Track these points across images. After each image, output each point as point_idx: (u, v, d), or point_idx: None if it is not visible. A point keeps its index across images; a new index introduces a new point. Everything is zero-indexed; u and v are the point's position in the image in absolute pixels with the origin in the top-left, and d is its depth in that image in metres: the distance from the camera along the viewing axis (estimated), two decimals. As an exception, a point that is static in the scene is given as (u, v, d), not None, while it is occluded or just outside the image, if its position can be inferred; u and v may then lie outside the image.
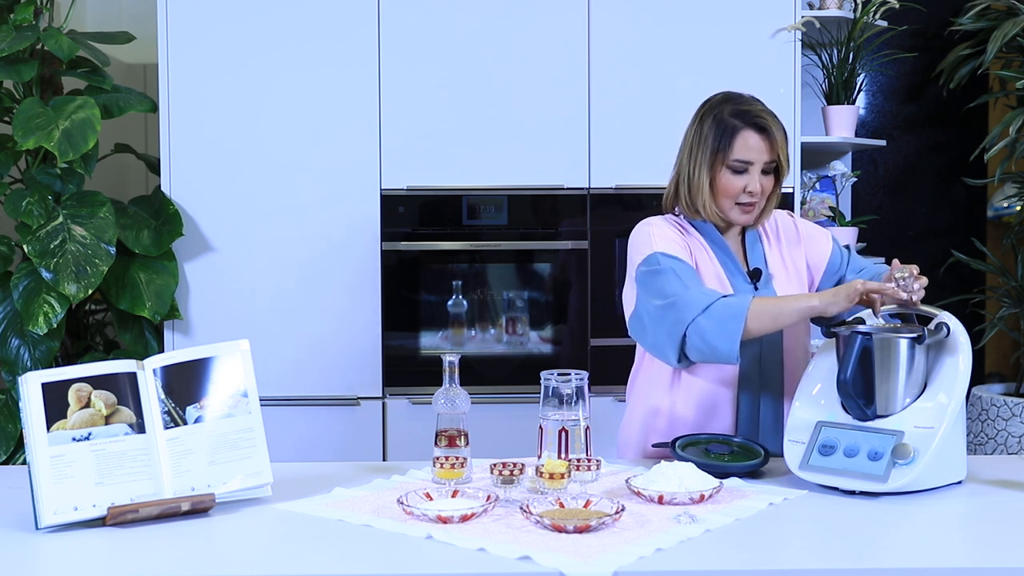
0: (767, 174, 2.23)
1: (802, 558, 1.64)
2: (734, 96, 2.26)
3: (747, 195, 2.21)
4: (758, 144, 2.20)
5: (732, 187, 2.22)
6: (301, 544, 1.68)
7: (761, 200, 2.24)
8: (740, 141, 2.20)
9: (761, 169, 2.21)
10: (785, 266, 2.33)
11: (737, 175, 2.21)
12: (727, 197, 2.23)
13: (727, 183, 2.22)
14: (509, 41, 3.46)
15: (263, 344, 3.32)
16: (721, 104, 2.24)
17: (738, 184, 2.21)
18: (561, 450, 1.97)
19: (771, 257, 2.32)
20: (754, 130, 2.20)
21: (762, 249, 2.32)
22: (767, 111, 2.23)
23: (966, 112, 4.06)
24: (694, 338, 2.10)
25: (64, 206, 3.26)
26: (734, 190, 2.22)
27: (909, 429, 1.93)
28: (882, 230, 4.13)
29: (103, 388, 1.84)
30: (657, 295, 2.17)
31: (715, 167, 2.22)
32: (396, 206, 3.46)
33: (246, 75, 3.45)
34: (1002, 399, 3.70)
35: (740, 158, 2.20)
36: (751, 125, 2.20)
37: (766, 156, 2.21)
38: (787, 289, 2.29)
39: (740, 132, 2.20)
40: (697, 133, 2.25)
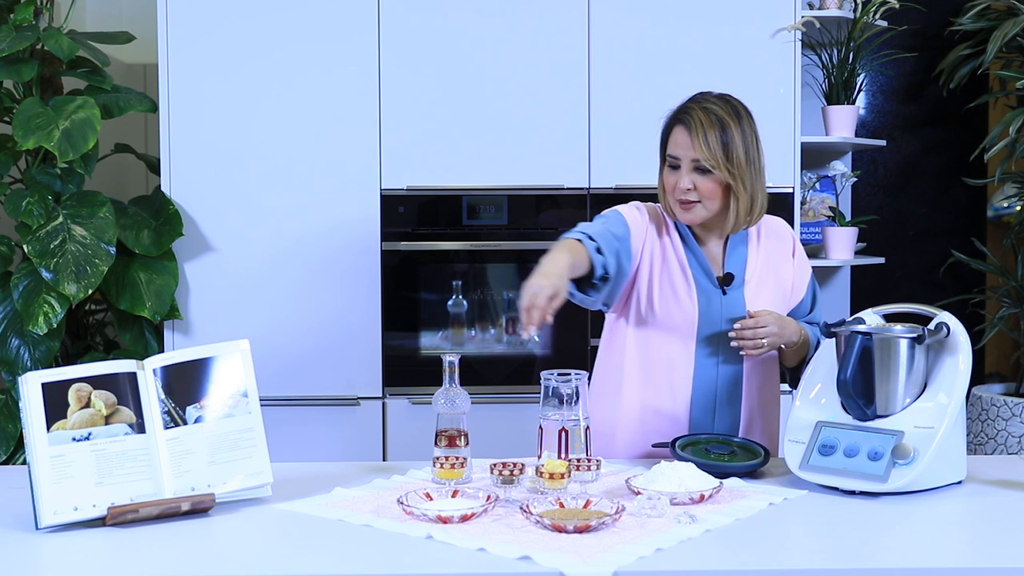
0: (703, 173, 2.19)
1: (802, 558, 1.64)
2: (698, 94, 2.27)
3: (679, 192, 2.21)
4: (683, 140, 2.20)
5: (667, 183, 2.25)
6: (301, 544, 1.68)
7: (707, 202, 2.20)
8: (672, 137, 2.23)
9: (693, 167, 2.19)
10: (766, 273, 2.30)
11: (671, 171, 2.23)
12: (667, 193, 2.25)
13: (664, 179, 2.26)
14: (509, 41, 3.46)
15: (263, 344, 3.32)
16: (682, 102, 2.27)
17: (670, 180, 2.23)
18: (561, 450, 1.97)
19: (752, 263, 2.30)
20: (680, 125, 2.21)
21: (744, 254, 2.30)
22: (707, 110, 2.20)
23: (966, 112, 4.06)
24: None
25: (64, 206, 3.26)
26: (668, 186, 2.24)
27: (909, 429, 1.93)
28: (882, 230, 4.13)
29: (103, 388, 1.84)
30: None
31: (662, 164, 2.27)
32: (396, 206, 3.46)
33: (246, 75, 3.45)
34: (1002, 399, 3.70)
35: (670, 153, 2.23)
36: (679, 120, 2.22)
37: (691, 153, 2.18)
38: (759, 296, 2.27)
39: (673, 128, 2.24)
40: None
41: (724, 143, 2.18)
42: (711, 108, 2.20)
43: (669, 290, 2.24)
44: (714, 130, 2.18)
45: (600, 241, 2.16)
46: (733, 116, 2.21)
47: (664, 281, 2.25)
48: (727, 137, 2.18)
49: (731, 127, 2.19)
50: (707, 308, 2.24)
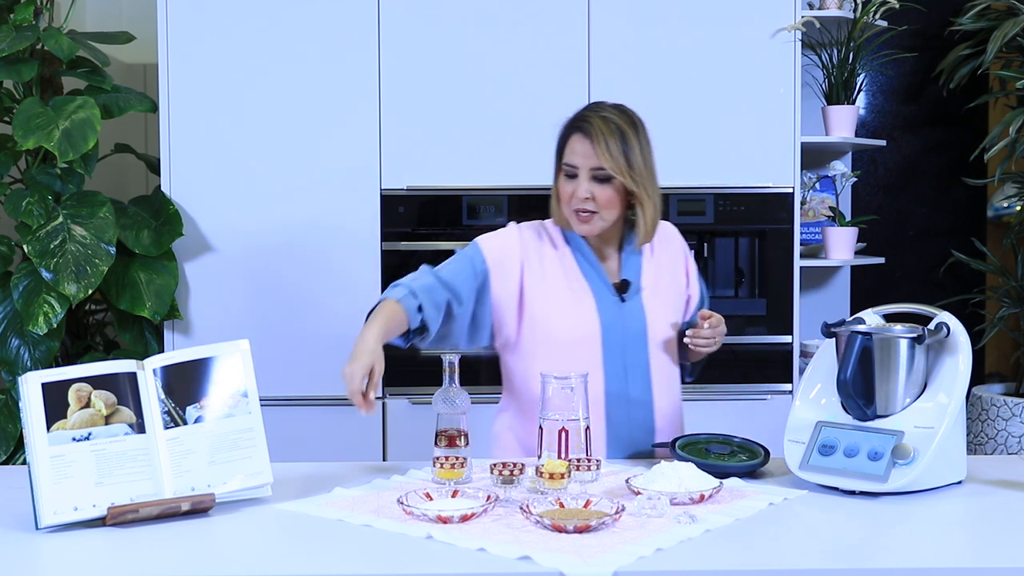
0: (602, 182, 2.17)
1: (802, 558, 1.64)
2: (593, 103, 2.26)
3: (577, 201, 2.18)
4: (582, 148, 2.17)
5: (563, 192, 2.21)
6: (301, 544, 1.68)
7: (604, 212, 2.19)
8: (569, 145, 2.20)
9: (592, 176, 2.17)
10: (661, 277, 2.31)
11: (568, 180, 2.20)
12: (563, 203, 2.22)
13: (560, 188, 2.23)
14: (509, 41, 3.46)
15: (263, 344, 3.32)
16: (576, 111, 2.25)
17: (567, 189, 2.20)
18: (561, 450, 1.97)
19: (647, 268, 2.30)
20: (579, 133, 2.18)
21: (639, 261, 2.29)
22: (605, 117, 2.18)
23: (966, 112, 4.06)
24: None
25: (64, 206, 3.26)
26: (564, 196, 2.21)
27: (909, 429, 1.93)
28: (882, 230, 4.13)
29: (103, 388, 1.84)
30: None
31: (557, 174, 2.24)
32: (396, 206, 3.46)
33: (246, 75, 3.45)
34: (1002, 399, 3.70)
35: (567, 162, 2.20)
36: (578, 128, 2.19)
37: (591, 161, 2.16)
38: (658, 300, 2.28)
39: (570, 136, 2.21)
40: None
41: (625, 152, 2.17)
42: (609, 117, 2.19)
43: (569, 304, 2.22)
44: (615, 138, 2.17)
45: (423, 296, 2.15)
46: (630, 125, 2.20)
47: (560, 296, 2.23)
48: (627, 146, 2.18)
49: (630, 136, 2.19)
50: (608, 317, 2.23)
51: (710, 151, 3.50)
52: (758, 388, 3.52)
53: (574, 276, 2.25)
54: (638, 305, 2.26)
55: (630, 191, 2.19)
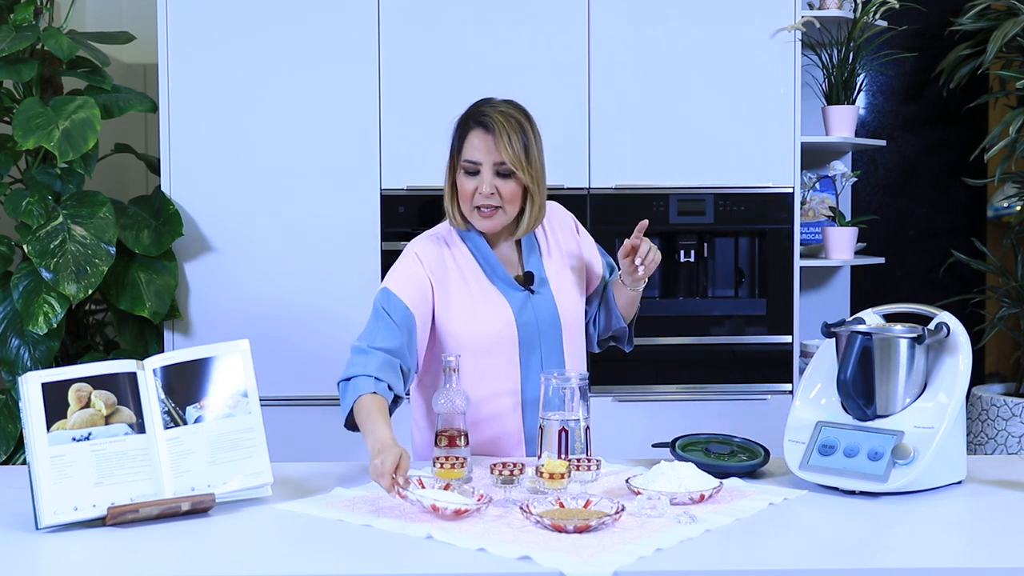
0: (505, 177, 2.16)
1: (802, 558, 1.64)
2: (481, 100, 2.23)
3: (481, 197, 2.17)
4: (483, 143, 2.16)
5: (464, 189, 2.19)
6: (301, 544, 1.68)
7: (508, 206, 2.18)
8: (468, 141, 2.18)
9: (495, 171, 2.16)
10: (563, 263, 2.31)
11: (469, 176, 2.18)
12: (464, 201, 2.20)
13: (460, 185, 2.20)
14: (509, 41, 3.46)
15: (263, 344, 3.31)
16: (469, 108, 2.23)
17: (469, 186, 2.17)
18: (561, 450, 1.97)
19: (547, 263, 2.30)
20: (480, 129, 2.16)
21: (539, 255, 2.29)
22: (504, 112, 2.18)
23: (966, 112, 4.06)
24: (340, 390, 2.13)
25: (64, 206, 3.26)
26: (466, 192, 2.18)
27: (909, 429, 1.93)
28: (882, 230, 4.14)
29: (103, 388, 1.84)
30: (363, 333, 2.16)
31: (455, 171, 2.21)
32: (396, 206, 3.46)
33: (246, 75, 3.45)
34: (1002, 399, 3.70)
35: (468, 158, 2.17)
36: (478, 124, 2.17)
37: (494, 156, 2.15)
38: (564, 286, 2.28)
39: (469, 132, 2.18)
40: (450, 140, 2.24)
41: (525, 146, 2.16)
42: (508, 112, 2.18)
43: (481, 309, 2.21)
44: (516, 133, 2.16)
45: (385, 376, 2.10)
46: (526, 119, 2.20)
47: (469, 303, 2.22)
48: (527, 140, 2.17)
49: (528, 129, 2.18)
50: (521, 312, 2.22)
51: (710, 151, 3.50)
52: (758, 388, 3.52)
53: (480, 279, 2.23)
54: (547, 295, 2.26)
55: (525, 186, 2.18)
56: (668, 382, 3.53)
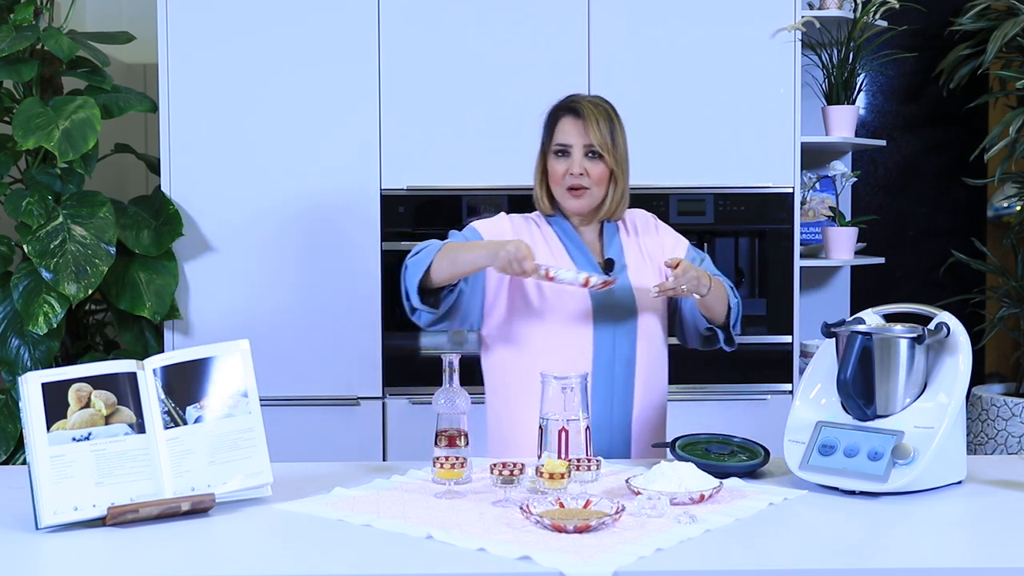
0: (593, 159, 2.31)
1: (802, 558, 1.64)
2: (573, 94, 2.40)
3: (571, 177, 2.31)
4: (573, 128, 2.32)
5: (555, 171, 2.33)
6: (301, 544, 1.68)
7: (595, 188, 2.32)
8: (559, 127, 2.34)
9: (584, 153, 2.31)
10: (642, 256, 2.39)
11: (560, 159, 2.33)
12: (555, 183, 2.34)
13: (552, 168, 2.34)
14: (509, 41, 3.46)
15: (263, 344, 3.32)
16: (558, 101, 2.39)
17: (560, 168, 2.32)
18: (561, 450, 1.97)
19: (628, 248, 2.39)
20: (571, 115, 2.33)
21: (619, 241, 2.39)
22: (591, 101, 2.35)
23: (966, 112, 4.06)
24: (403, 277, 2.26)
25: (64, 206, 3.26)
26: (557, 174, 2.33)
27: (909, 429, 1.93)
28: (882, 230, 4.13)
29: (103, 388, 1.84)
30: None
31: (546, 156, 2.36)
32: (396, 206, 3.46)
33: (246, 75, 3.45)
34: (1002, 399, 3.70)
35: (559, 142, 2.33)
36: (569, 111, 2.34)
37: (583, 139, 2.31)
38: (642, 278, 2.35)
39: (559, 119, 2.34)
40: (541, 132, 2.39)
41: (611, 131, 2.33)
42: (596, 101, 2.36)
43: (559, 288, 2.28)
44: (603, 119, 2.33)
45: None
46: (613, 111, 2.36)
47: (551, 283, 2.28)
48: (612, 127, 2.34)
49: (614, 120, 2.35)
50: (598, 294, 2.30)
51: (710, 151, 3.50)
52: (758, 388, 3.52)
53: (562, 257, 2.34)
54: (624, 282, 2.33)
55: (611, 169, 2.32)
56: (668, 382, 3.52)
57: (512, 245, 2.10)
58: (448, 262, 2.19)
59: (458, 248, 2.21)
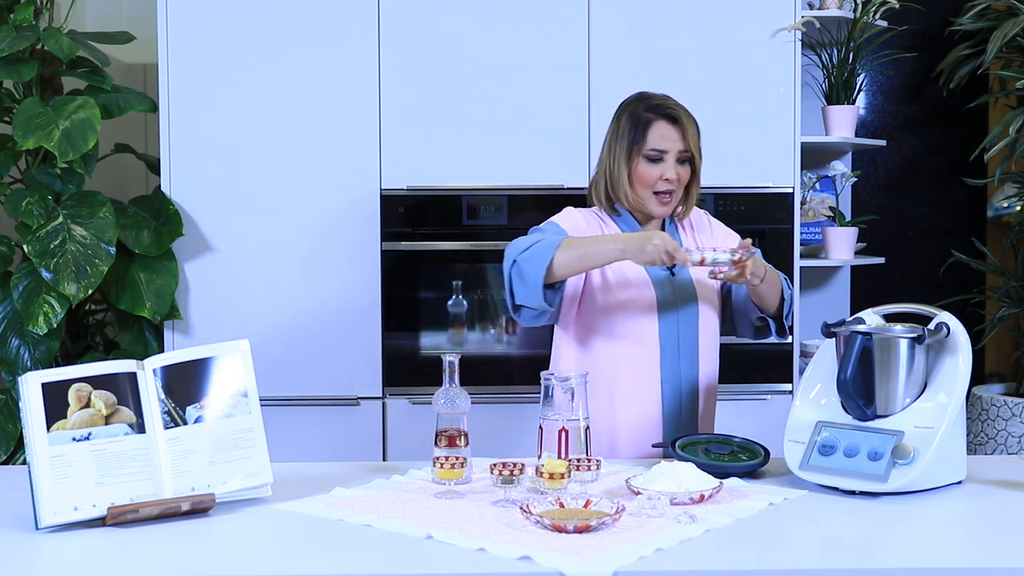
0: (682, 164, 2.35)
1: (802, 558, 1.64)
2: (648, 94, 2.41)
3: (664, 183, 2.33)
4: (670, 133, 2.34)
5: (649, 176, 2.33)
6: (301, 544, 1.68)
7: (679, 190, 2.36)
8: (654, 131, 2.34)
9: (676, 159, 2.34)
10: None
11: (653, 164, 2.33)
12: (645, 186, 2.34)
13: (644, 172, 2.34)
14: (509, 41, 3.46)
15: (263, 344, 3.32)
16: (636, 102, 2.40)
17: (654, 173, 2.33)
18: (561, 450, 1.97)
19: (687, 245, 2.42)
20: (666, 121, 2.35)
21: (679, 239, 2.43)
22: (679, 105, 2.38)
23: (966, 112, 4.06)
24: (514, 276, 2.22)
25: (64, 206, 3.26)
26: (651, 179, 2.33)
27: (909, 429, 1.93)
28: (882, 230, 4.13)
29: (103, 388, 1.84)
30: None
31: (632, 158, 2.35)
32: (396, 206, 3.46)
33: (246, 75, 3.45)
34: (1002, 399, 3.70)
35: (655, 147, 2.33)
36: (663, 116, 2.35)
37: (679, 145, 2.34)
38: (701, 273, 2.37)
39: (654, 123, 2.34)
40: (615, 130, 2.39)
41: (699, 137, 2.40)
42: (684, 106, 2.39)
43: (624, 281, 2.33)
44: (693, 125, 2.38)
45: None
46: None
47: (616, 274, 2.34)
48: (698, 133, 2.40)
49: (698, 125, 2.40)
50: (662, 290, 2.34)
51: (710, 151, 3.44)
52: (758, 388, 3.52)
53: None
54: (686, 277, 2.38)
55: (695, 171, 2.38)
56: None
57: (658, 238, 2.12)
58: (576, 257, 2.18)
59: (584, 242, 2.20)
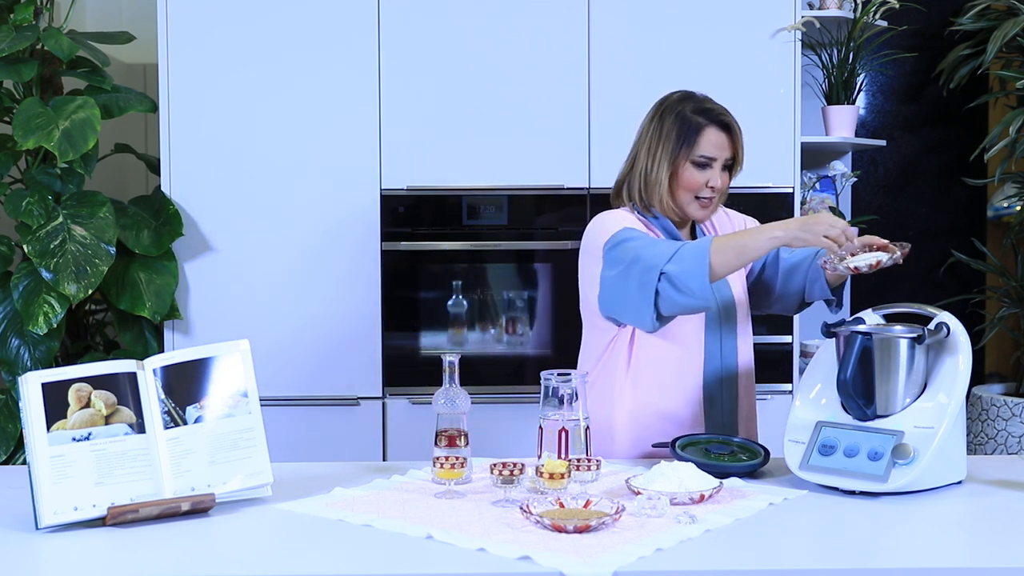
0: (725, 170, 2.33)
1: (802, 558, 1.64)
2: (692, 95, 2.35)
3: (708, 190, 2.30)
4: (722, 141, 2.30)
5: (695, 182, 2.30)
6: (301, 544, 1.68)
7: (719, 197, 2.34)
8: (705, 138, 2.29)
9: (722, 166, 2.31)
10: None
11: (700, 170, 2.29)
12: (688, 191, 2.31)
13: (691, 178, 2.30)
14: (509, 41, 3.46)
15: (263, 344, 3.32)
16: (681, 102, 2.33)
17: (701, 179, 2.30)
18: (561, 450, 1.97)
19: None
20: (718, 127, 2.29)
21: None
22: (726, 110, 2.33)
23: (966, 112, 4.06)
24: (666, 288, 2.14)
25: (64, 206, 3.26)
26: (697, 185, 2.30)
27: (909, 429, 1.93)
28: (882, 230, 4.12)
29: (103, 388, 1.84)
30: (621, 260, 2.22)
31: (678, 162, 2.30)
32: (396, 206, 3.46)
33: (246, 75, 3.45)
34: (1002, 399, 3.70)
35: (705, 154, 2.29)
36: (716, 123, 2.29)
37: (727, 153, 2.31)
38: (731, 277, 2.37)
39: (705, 129, 2.29)
40: (657, 131, 2.32)
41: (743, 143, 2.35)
42: (726, 109, 2.33)
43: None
44: (741, 133, 2.32)
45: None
46: None
47: None
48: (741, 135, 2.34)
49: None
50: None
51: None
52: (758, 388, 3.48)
53: None
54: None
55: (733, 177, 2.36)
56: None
57: (827, 216, 2.08)
58: (732, 254, 2.12)
59: (735, 238, 2.14)
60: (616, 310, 2.26)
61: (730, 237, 2.16)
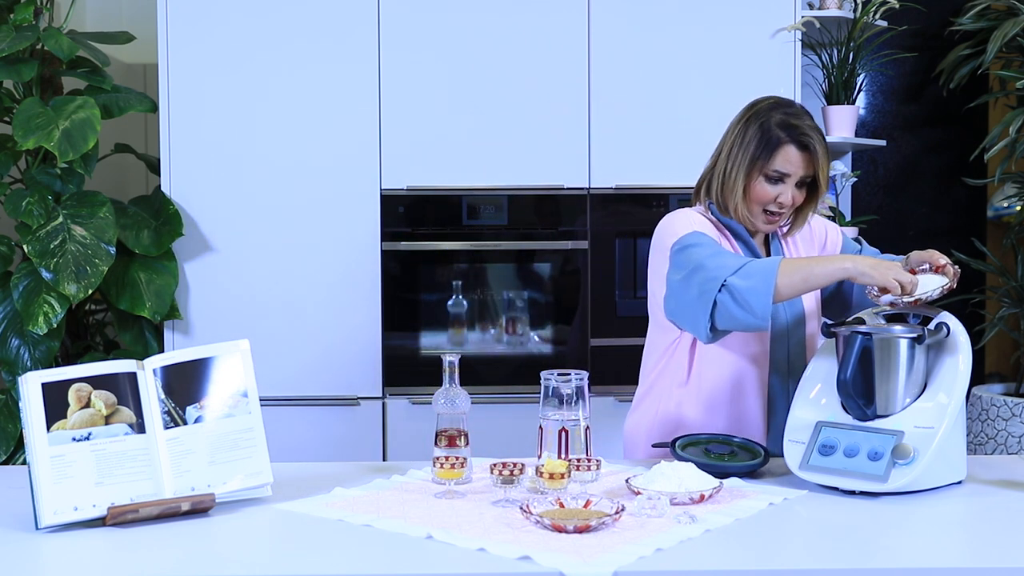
0: (801, 187, 2.25)
1: (802, 558, 1.64)
2: (784, 104, 2.26)
3: (776, 205, 2.24)
4: (798, 159, 2.22)
5: (765, 195, 2.24)
6: (301, 544, 1.68)
7: (788, 212, 2.27)
8: (781, 154, 2.22)
9: (796, 182, 2.23)
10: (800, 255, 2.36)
11: (772, 184, 2.23)
12: (757, 203, 2.25)
13: (761, 191, 2.24)
14: (509, 41, 3.46)
15: (263, 344, 3.32)
16: (769, 111, 2.25)
17: (771, 193, 2.23)
18: (561, 450, 1.97)
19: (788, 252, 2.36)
20: (796, 147, 2.21)
21: (780, 245, 2.36)
22: (814, 127, 2.23)
23: (966, 112, 4.06)
24: (725, 300, 2.06)
25: (64, 206, 3.26)
26: (766, 198, 2.24)
27: (909, 429, 1.93)
28: (882, 230, 4.13)
29: (103, 388, 1.84)
30: (685, 266, 2.16)
31: (751, 173, 2.24)
32: (396, 206, 3.46)
33: (246, 75, 3.45)
34: (1002, 399, 3.70)
35: (779, 169, 2.22)
36: (795, 141, 2.21)
37: (802, 171, 2.23)
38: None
39: (783, 146, 2.21)
40: (740, 135, 2.26)
41: (828, 162, 2.26)
42: (816, 127, 2.24)
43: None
44: (825, 151, 2.23)
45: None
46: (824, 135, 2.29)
47: None
48: (828, 157, 2.26)
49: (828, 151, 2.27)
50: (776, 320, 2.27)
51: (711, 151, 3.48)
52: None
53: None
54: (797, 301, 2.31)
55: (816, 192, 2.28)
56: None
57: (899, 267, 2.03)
58: (800, 279, 2.06)
59: (804, 264, 2.08)
60: (675, 315, 2.21)
61: (799, 261, 2.10)
